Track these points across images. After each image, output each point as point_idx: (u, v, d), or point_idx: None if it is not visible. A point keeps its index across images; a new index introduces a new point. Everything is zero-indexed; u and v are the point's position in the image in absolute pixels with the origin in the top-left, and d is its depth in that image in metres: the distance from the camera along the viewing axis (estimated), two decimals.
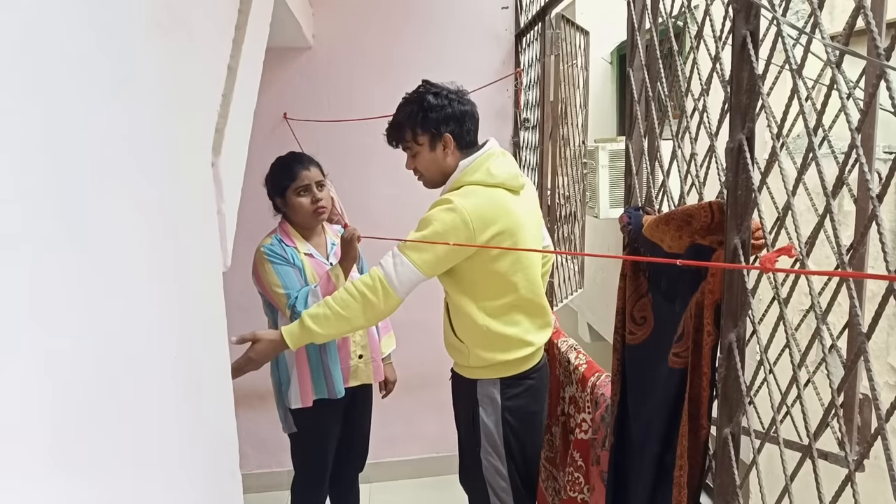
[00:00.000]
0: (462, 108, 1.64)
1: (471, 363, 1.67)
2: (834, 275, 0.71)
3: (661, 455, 1.09)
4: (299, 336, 1.59)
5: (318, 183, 1.95)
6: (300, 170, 1.92)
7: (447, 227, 1.51)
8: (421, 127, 1.62)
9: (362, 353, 2.08)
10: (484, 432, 1.66)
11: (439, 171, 1.66)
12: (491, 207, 1.55)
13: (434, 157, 1.64)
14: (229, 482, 0.97)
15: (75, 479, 0.51)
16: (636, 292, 1.16)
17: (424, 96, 1.63)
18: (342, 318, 1.56)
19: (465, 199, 1.54)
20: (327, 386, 1.99)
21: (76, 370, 0.51)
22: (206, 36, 0.94)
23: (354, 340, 2.06)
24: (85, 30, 0.56)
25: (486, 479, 1.69)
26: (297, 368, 1.97)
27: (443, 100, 1.62)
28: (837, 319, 1.13)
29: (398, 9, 2.86)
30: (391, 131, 1.69)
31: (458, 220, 1.51)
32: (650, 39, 1.19)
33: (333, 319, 1.56)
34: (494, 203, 1.57)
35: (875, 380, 0.64)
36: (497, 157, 1.65)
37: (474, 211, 1.52)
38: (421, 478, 3.12)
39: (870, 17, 0.65)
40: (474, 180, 1.59)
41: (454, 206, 1.52)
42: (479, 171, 1.59)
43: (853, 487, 0.67)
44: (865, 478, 0.75)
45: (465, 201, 1.54)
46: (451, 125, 1.62)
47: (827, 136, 0.99)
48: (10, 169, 0.44)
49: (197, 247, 0.87)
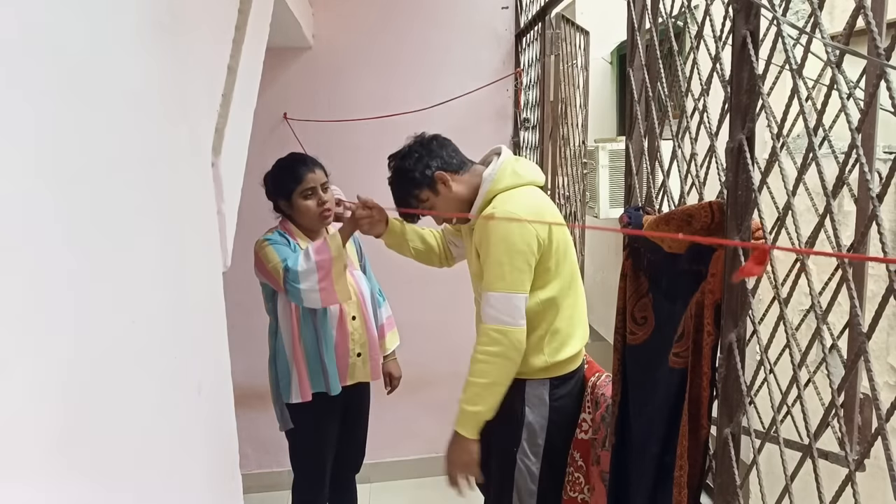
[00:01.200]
0: (428, 147, 1.66)
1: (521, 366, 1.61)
2: (831, 255, 0.71)
3: (661, 455, 1.09)
4: (465, 421, 1.55)
5: (323, 185, 1.92)
6: (305, 172, 1.89)
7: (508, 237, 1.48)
8: (416, 189, 1.64)
9: (360, 350, 2.06)
10: (528, 432, 1.63)
11: (458, 203, 1.65)
12: (534, 201, 1.57)
13: (444, 197, 1.64)
14: (229, 482, 0.97)
15: (75, 480, 0.51)
16: (637, 292, 1.16)
17: (398, 167, 1.67)
18: (492, 386, 1.52)
19: (507, 204, 1.53)
20: (324, 381, 1.98)
21: (76, 370, 0.51)
22: (206, 36, 0.94)
23: (353, 339, 2.03)
24: (85, 30, 0.56)
25: (514, 481, 1.66)
26: (295, 363, 1.95)
27: (410, 157, 1.65)
28: (837, 319, 1.13)
29: (398, 9, 2.86)
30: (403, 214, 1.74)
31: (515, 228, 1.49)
32: (650, 39, 1.19)
33: (485, 391, 1.52)
34: (535, 197, 1.58)
35: (875, 380, 0.64)
36: (518, 160, 1.66)
37: (524, 210, 1.52)
38: (421, 478, 3.11)
39: (870, 17, 0.65)
40: (504, 186, 1.58)
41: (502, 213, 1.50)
42: (507, 176, 1.59)
43: (853, 487, 0.67)
44: (866, 477, 0.75)
45: (508, 206, 1.52)
46: (433, 164, 1.63)
47: (827, 136, 0.99)
48: (11, 169, 0.44)
49: (197, 247, 0.87)
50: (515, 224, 1.48)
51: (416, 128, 1.77)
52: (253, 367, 2.81)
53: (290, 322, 1.95)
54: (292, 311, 1.94)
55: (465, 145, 1.76)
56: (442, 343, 2.10)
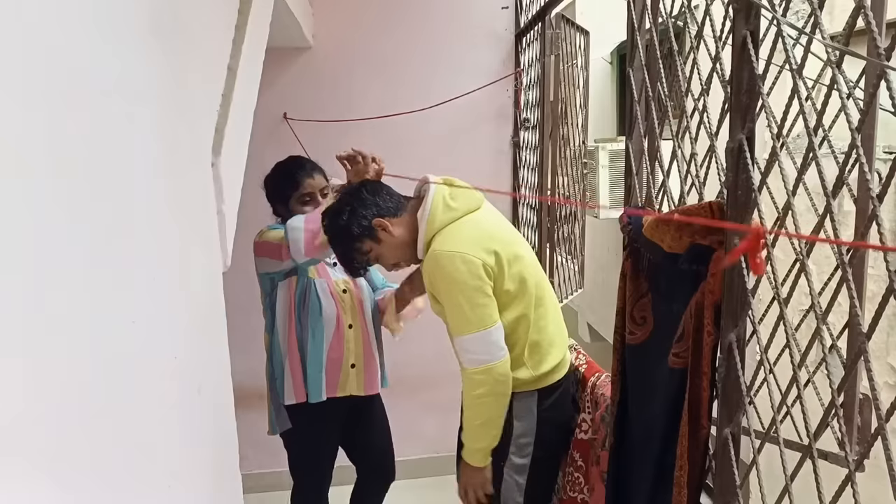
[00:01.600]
0: (359, 197, 1.59)
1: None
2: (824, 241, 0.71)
3: (661, 455, 1.09)
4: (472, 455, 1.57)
5: (322, 190, 1.87)
6: (304, 177, 1.85)
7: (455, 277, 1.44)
8: (357, 242, 1.57)
9: (355, 362, 1.97)
10: (515, 446, 1.61)
11: (403, 246, 1.58)
12: (473, 234, 1.50)
13: (387, 245, 1.58)
14: (229, 482, 0.97)
15: (76, 481, 0.51)
16: (636, 292, 1.16)
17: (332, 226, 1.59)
18: (489, 422, 1.52)
19: (446, 244, 1.48)
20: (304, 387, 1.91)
21: (76, 371, 0.51)
22: (207, 36, 0.94)
23: (348, 348, 1.94)
24: (85, 30, 0.56)
25: (501, 494, 1.65)
26: (290, 360, 1.90)
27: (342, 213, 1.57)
28: (837, 319, 1.13)
29: (398, 9, 2.86)
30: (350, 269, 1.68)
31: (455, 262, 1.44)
32: (650, 39, 1.19)
33: (483, 429, 1.53)
34: (474, 230, 1.52)
35: (875, 380, 0.64)
36: (445, 191, 1.56)
37: (463, 244, 1.47)
38: (421, 478, 3.11)
39: (870, 17, 0.65)
40: (440, 224, 1.51)
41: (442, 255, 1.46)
42: (439, 213, 1.52)
43: (853, 487, 0.67)
44: (865, 478, 0.75)
45: (447, 245, 1.47)
46: (368, 213, 1.56)
47: (827, 136, 0.99)
48: (11, 170, 0.44)
49: (197, 247, 0.87)
50: (459, 262, 1.43)
51: (416, 128, 1.76)
52: (253, 367, 2.80)
53: (287, 316, 1.90)
54: (290, 306, 1.89)
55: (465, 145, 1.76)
56: (442, 343, 2.09)
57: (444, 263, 1.45)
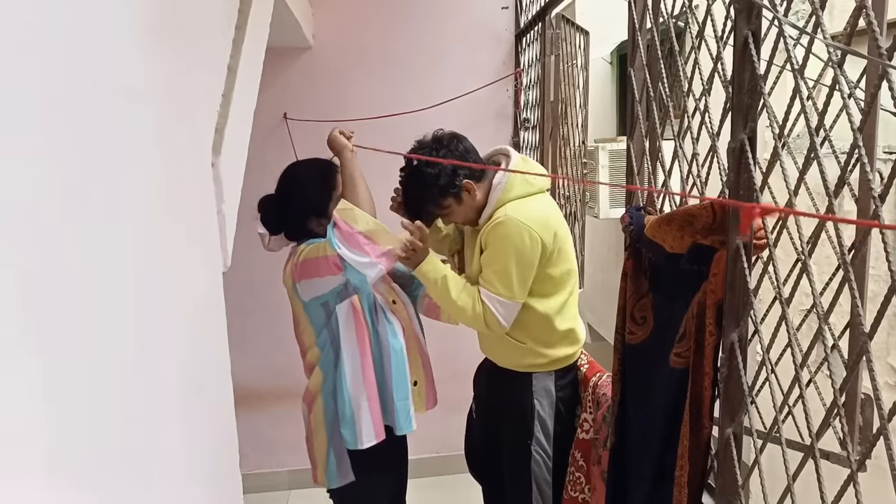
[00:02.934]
0: (455, 153, 1.58)
1: (529, 360, 1.67)
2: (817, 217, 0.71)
3: (662, 455, 1.09)
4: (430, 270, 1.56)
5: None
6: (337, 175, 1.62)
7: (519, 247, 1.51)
8: (440, 197, 1.58)
9: (416, 378, 1.72)
10: (539, 423, 1.68)
11: (475, 211, 1.63)
12: (544, 212, 1.58)
13: (465, 205, 1.61)
14: (229, 482, 0.97)
15: (75, 481, 0.51)
16: (637, 292, 1.16)
17: (422, 173, 1.57)
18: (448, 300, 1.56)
19: (519, 213, 1.53)
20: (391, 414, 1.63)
21: (76, 371, 0.51)
22: (207, 36, 0.94)
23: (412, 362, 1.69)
24: (85, 30, 0.55)
25: (532, 472, 1.70)
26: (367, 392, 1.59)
27: (435, 166, 1.55)
28: (839, 319, 1.13)
29: (398, 9, 2.86)
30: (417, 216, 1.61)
31: (524, 237, 1.51)
32: (651, 39, 1.19)
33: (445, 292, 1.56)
34: (546, 208, 1.60)
35: (876, 380, 0.64)
36: (527, 162, 1.67)
37: (535, 220, 1.53)
38: (421, 478, 3.11)
39: (871, 17, 0.65)
40: (516, 195, 1.57)
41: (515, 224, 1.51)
42: (517, 185, 1.58)
43: (855, 487, 0.67)
44: (867, 477, 0.75)
45: (520, 214, 1.53)
46: (460, 173, 1.57)
47: (828, 136, 0.99)
48: (11, 170, 0.43)
49: (197, 247, 0.87)
50: (526, 235, 1.51)
51: (416, 128, 1.74)
52: (253, 367, 2.81)
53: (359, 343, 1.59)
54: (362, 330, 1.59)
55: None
56: (443, 344, 2.09)
57: (513, 232, 1.51)
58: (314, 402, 1.64)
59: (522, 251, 1.52)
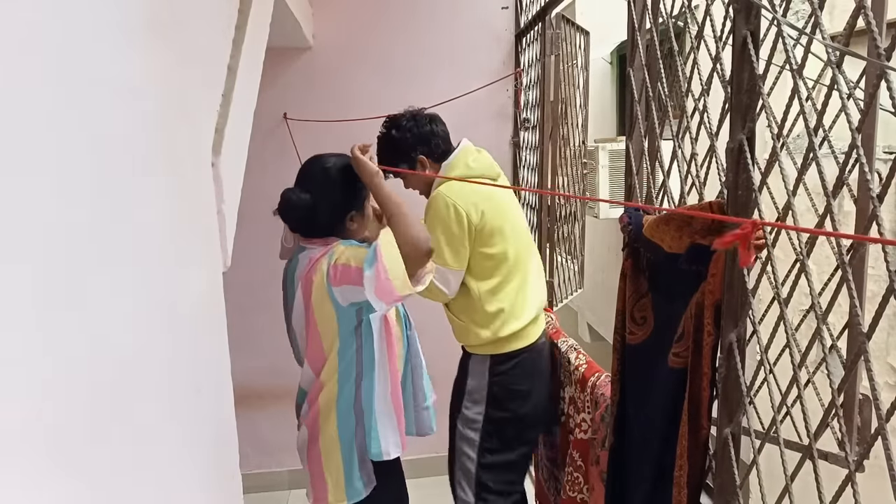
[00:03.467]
0: (421, 131, 1.80)
1: (470, 340, 1.81)
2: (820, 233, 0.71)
3: (660, 455, 1.09)
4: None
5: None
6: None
7: (444, 219, 1.68)
8: (396, 159, 1.80)
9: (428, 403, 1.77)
10: (469, 400, 1.81)
11: (427, 185, 1.84)
12: (474, 191, 1.72)
13: (417, 176, 1.82)
14: (229, 482, 0.97)
15: (75, 481, 0.51)
16: (636, 292, 1.16)
17: (388, 134, 1.82)
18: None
19: (448, 189, 1.72)
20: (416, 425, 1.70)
21: (75, 371, 0.51)
22: (206, 36, 0.94)
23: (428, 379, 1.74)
24: (84, 30, 0.55)
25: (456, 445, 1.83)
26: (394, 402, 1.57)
27: (403, 132, 1.79)
28: (837, 320, 1.13)
29: (398, 9, 2.86)
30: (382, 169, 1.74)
31: (450, 209, 1.68)
32: (650, 39, 1.19)
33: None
34: (477, 188, 1.73)
35: (875, 380, 0.64)
36: (473, 153, 1.83)
37: (459, 196, 1.70)
38: (421, 478, 3.11)
39: (870, 18, 0.65)
40: (455, 175, 1.75)
41: (442, 198, 1.70)
42: (458, 167, 1.77)
43: (853, 488, 0.67)
44: (865, 478, 0.75)
45: (448, 190, 1.71)
46: (419, 147, 1.80)
47: (827, 137, 0.99)
48: (10, 171, 0.44)
49: (197, 247, 0.87)
50: (452, 209, 1.69)
51: None
52: (253, 368, 2.81)
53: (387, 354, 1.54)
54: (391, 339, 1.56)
55: None
56: (440, 344, 2.09)
57: (440, 205, 1.71)
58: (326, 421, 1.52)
59: (447, 222, 1.69)
